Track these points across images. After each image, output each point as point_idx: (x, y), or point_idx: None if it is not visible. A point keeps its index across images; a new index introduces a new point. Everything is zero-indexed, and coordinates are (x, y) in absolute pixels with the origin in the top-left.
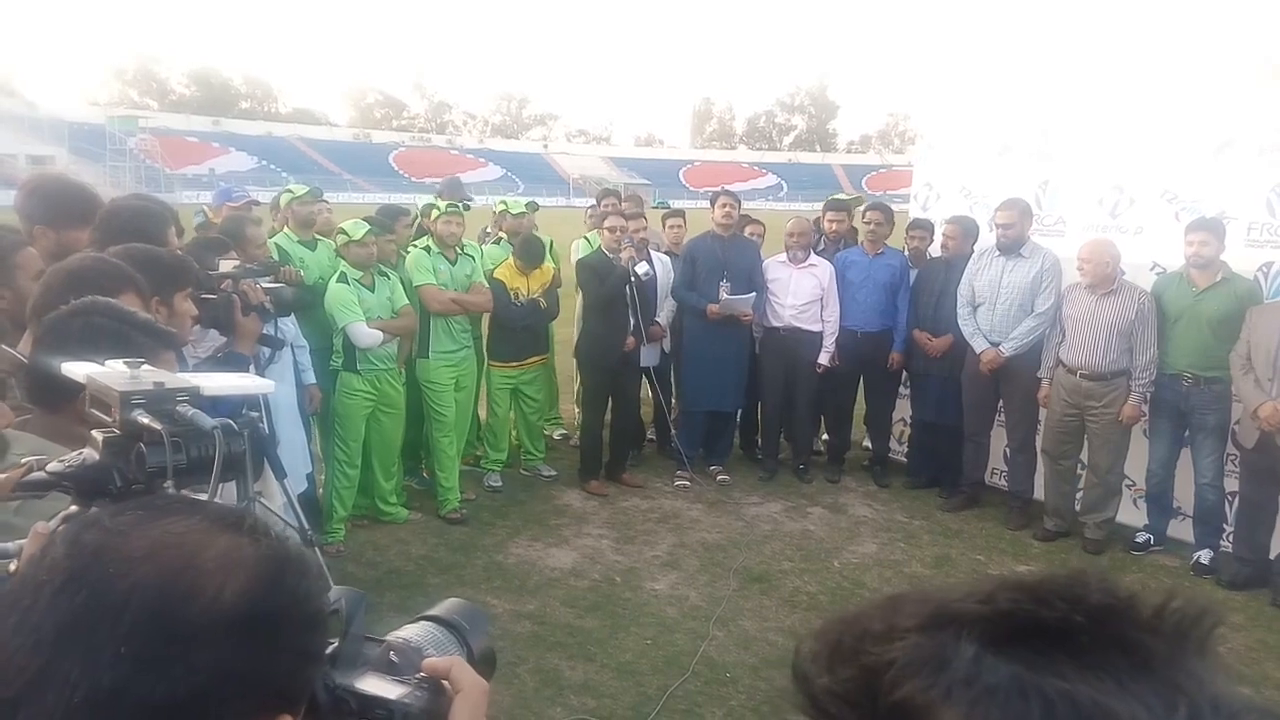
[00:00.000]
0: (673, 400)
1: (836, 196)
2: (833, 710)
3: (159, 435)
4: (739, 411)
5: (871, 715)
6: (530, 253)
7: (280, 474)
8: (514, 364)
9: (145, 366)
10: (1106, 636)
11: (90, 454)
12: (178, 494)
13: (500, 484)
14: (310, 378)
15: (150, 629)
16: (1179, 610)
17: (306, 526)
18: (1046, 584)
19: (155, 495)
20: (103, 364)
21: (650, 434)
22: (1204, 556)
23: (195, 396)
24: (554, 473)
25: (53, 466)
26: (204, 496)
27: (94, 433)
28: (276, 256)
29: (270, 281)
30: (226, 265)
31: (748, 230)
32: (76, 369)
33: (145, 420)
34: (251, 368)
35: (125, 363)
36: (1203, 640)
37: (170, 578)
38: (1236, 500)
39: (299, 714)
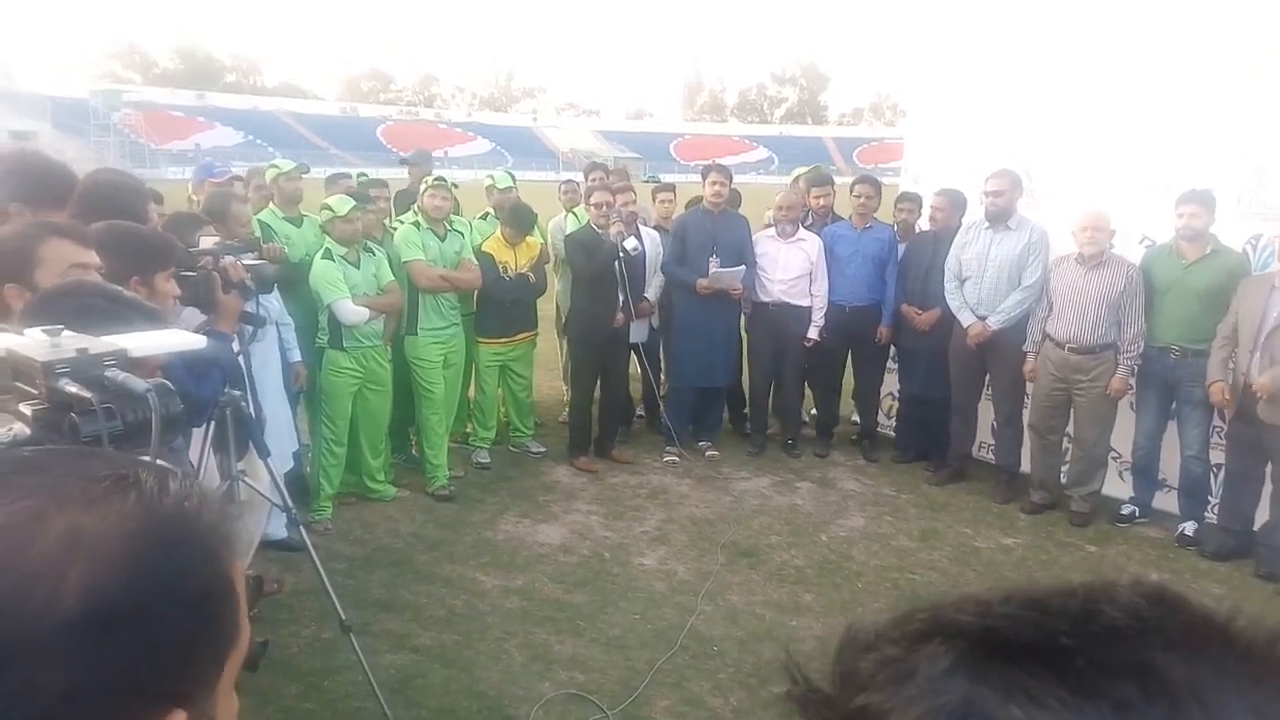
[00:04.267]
0: (661, 376)
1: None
2: (811, 710)
3: (89, 403)
4: (728, 387)
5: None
6: (519, 219)
7: (264, 453)
8: (502, 340)
9: (66, 333)
10: (1116, 660)
11: (20, 429)
12: (28, 454)
13: (489, 461)
14: (295, 355)
15: None
16: (1244, 633)
17: (292, 505)
18: (1058, 598)
19: (2, 459)
20: (20, 333)
21: (639, 410)
22: (1189, 528)
23: (123, 360)
24: (543, 449)
25: None
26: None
27: (21, 406)
28: (260, 233)
29: (252, 258)
30: (207, 242)
31: None
32: None
33: (73, 389)
34: (235, 345)
35: (44, 330)
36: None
37: None
38: (1222, 472)
39: (204, 703)
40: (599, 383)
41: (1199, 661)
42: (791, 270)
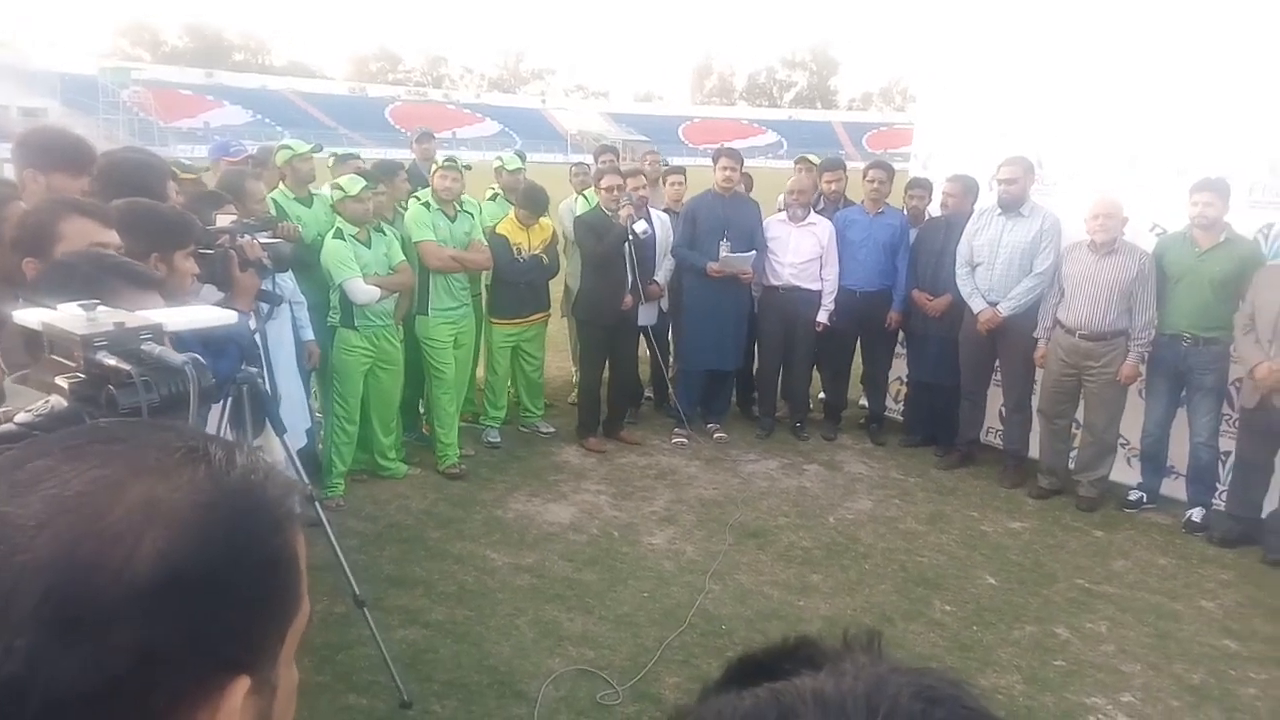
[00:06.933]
0: (670, 359)
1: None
2: None
3: (128, 376)
4: (737, 370)
5: None
6: (534, 201)
7: (280, 429)
8: (515, 321)
9: (101, 307)
10: (799, 660)
11: (58, 401)
12: (103, 425)
13: (499, 440)
14: (308, 334)
15: (48, 615)
16: (851, 635)
17: (306, 481)
18: (764, 649)
19: (77, 429)
20: (54, 308)
21: (648, 392)
22: (1196, 514)
23: (159, 334)
24: (552, 429)
25: (21, 417)
26: None
27: (59, 379)
28: (274, 213)
29: (268, 237)
30: (223, 220)
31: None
32: (29, 316)
33: (111, 362)
34: (251, 323)
35: (80, 305)
36: (869, 645)
37: (68, 549)
38: (1232, 459)
39: (268, 671)
40: (608, 364)
41: (833, 651)
42: (802, 254)
